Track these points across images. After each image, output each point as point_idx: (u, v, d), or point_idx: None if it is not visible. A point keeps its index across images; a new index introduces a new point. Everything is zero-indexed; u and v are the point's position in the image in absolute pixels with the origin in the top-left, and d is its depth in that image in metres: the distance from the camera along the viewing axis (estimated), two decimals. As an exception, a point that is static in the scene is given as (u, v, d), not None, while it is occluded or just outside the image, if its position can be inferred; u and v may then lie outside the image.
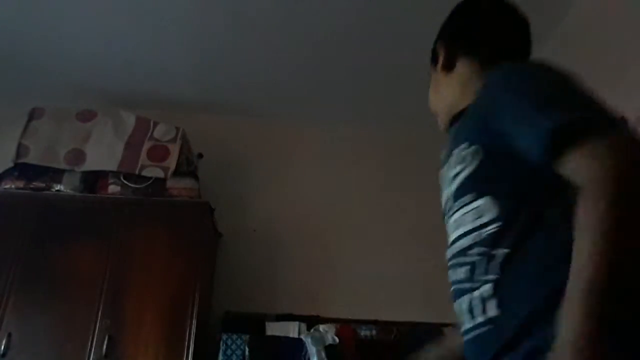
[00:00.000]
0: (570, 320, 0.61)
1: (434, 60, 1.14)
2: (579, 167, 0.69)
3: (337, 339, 2.65)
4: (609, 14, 2.19)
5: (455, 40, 1.10)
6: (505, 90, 0.84)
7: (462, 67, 1.07)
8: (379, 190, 3.29)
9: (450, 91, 1.08)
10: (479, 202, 0.85)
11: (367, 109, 3.39)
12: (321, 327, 2.71)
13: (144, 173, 2.82)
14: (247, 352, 2.58)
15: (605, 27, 2.21)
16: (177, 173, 2.84)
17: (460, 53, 1.07)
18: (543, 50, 2.73)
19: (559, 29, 2.59)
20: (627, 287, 0.62)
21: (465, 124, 0.96)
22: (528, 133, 0.75)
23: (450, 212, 0.93)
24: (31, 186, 2.77)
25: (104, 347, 2.40)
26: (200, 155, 3.15)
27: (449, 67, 1.08)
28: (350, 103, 3.36)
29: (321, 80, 3.16)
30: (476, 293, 0.82)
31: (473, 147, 0.87)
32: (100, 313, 2.48)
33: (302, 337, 2.67)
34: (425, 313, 2.76)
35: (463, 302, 0.86)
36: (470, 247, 0.85)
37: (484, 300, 0.81)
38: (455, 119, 1.05)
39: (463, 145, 0.90)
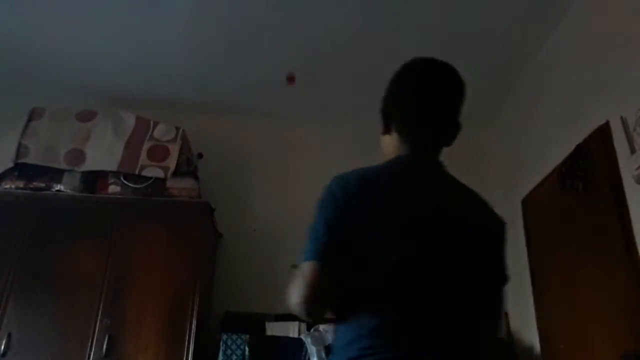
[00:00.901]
0: None
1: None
2: None
3: (337, 339, 2.65)
4: (609, 14, 2.19)
5: (383, 112, 1.28)
6: None
7: (393, 135, 1.25)
8: (379, 190, 3.28)
9: (385, 148, 1.29)
10: None
11: (367, 109, 3.37)
12: (321, 327, 2.71)
13: (144, 173, 2.82)
14: (247, 352, 2.58)
15: (605, 27, 2.21)
16: (177, 173, 2.84)
17: (392, 124, 1.26)
18: (543, 50, 2.74)
19: (559, 29, 2.59)
20: None
21: None
22: None
23: None
24: (31, 186, 2.77)
25: (104, 347, 2.40)
26: (200, 155, 3.15)
27: (387, 132, 1.27)
28: (350, 103, 3.35)
29: (321, 81, 3.16)
30: None
31: None
32: (100, 313, 2.48)
33: (302, 337, 2.67)
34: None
35: None
36: None
37: None
38: None
39: None
